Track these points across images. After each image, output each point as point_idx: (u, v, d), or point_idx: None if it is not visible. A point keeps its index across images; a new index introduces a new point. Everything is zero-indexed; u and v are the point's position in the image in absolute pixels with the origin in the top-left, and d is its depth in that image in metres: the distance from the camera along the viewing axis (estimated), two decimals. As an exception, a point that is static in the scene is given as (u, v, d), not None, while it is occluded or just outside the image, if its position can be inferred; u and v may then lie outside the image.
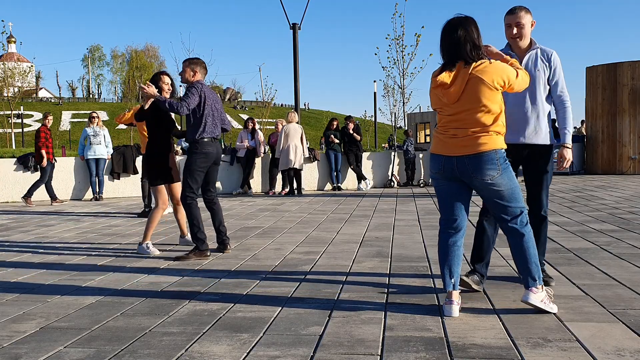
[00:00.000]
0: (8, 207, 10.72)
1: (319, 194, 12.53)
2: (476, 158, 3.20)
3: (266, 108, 37.75)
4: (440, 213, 3.45)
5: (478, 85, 3.17)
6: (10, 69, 49.50)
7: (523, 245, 3.30)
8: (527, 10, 3.78)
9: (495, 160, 3.20)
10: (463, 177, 3.28)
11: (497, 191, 3.25)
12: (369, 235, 6.34)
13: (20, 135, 50.51)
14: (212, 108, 5.33)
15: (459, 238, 3.40)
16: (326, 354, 2.72)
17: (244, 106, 79.87)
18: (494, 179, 3.22)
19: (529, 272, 3.29)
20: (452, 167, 3.28)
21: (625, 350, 2.67)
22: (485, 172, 3.20)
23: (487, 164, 3.19)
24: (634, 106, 16.08)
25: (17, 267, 5.02)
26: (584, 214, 7.60)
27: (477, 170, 3.21)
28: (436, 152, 3.37)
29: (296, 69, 14.73)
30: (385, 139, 49.58)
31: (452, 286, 3.32)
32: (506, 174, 3.25)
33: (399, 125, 19.11)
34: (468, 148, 3.21)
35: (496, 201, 3.30)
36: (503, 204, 3.29)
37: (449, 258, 3.36)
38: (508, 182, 3.26)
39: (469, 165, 3.22)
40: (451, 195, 3.38)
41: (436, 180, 3.43)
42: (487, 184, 3.23)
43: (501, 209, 3.31)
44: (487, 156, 3.19)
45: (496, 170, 3.21)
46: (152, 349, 2.85)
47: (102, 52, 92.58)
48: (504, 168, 3.23)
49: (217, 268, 4.76)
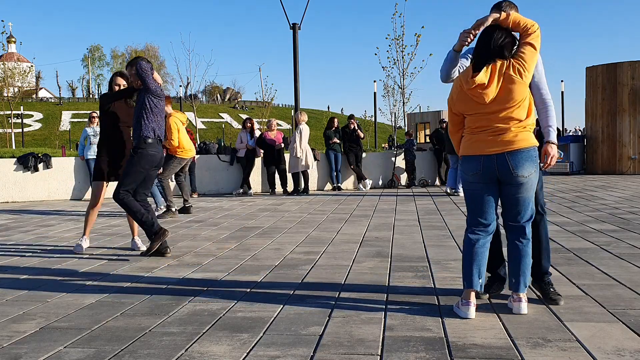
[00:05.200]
0: (8, 207, 10.72)
1: (319, 194, 12.54)
2: (519, 154, 3.22)
3: (266, 108, 37.74)
4: (471, 215, 3.41)
5: (515, 81, 3.19)
6: (10, 69, 49.48)
7: (527, 250, 3.35)
8: (515, 7, 3.56)
9: (534, 157, 3.26)
10: (502, 176, 3.27)
11: (527, 190, 3.29)
12: (369, 235, 6.34)
13: (20, 135, 50.53)
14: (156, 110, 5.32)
15: (489, 240, 3.40)
16: (326, 354, 2.72)
17: (244, 106, 79.87)
18: (531, 176, 3.25)
19: (525, 277, 3.32)
20: (492, 166, 3.26)
21: (625, 350, 2.67)
22: (526, 169, 3.23)
23: (528, 160, 3.23)
24: (634, 106, 16.08)
25: (17, 267, 5.02)
26: (584, 214, 7.60)
27: (518, 166, 3.22)
28: (472, 154, 3.33)
29: (296, 69, 14.73)
30: (385, 139, 49.60)
31: (480, 287, 3.31)
32: (538, 172, 3.32)
33: (398, 126, 19.10)
34: (510, 145, 3.22)
35: (521, 201, 3.31)
36: (526, 204, 3.32)
37: (479, 259, 3.32)
38: (535, 182, 3.32)
39: (511, 161, 3.22)
40: (487, 198, 3.35)
41: (471, 183, 3.38)
42: (524, 181, 3.25)
43: (521, 209, 3.32)
44: (528, 152, 3.23)
45: (535, 167, 3.25)
46: (152, 349, 2.85)
47: (102, 52, 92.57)
48: (537, 168, 3.30)
49: (217, 268, 4.76)
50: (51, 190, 12.04)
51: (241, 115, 66.11)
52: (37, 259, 5.36)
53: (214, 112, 72.18)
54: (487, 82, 3.19)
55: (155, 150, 5.31)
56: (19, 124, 52.38)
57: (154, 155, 5.30)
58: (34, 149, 29.26)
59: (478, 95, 3.23)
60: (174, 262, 5.06)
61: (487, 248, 3.37)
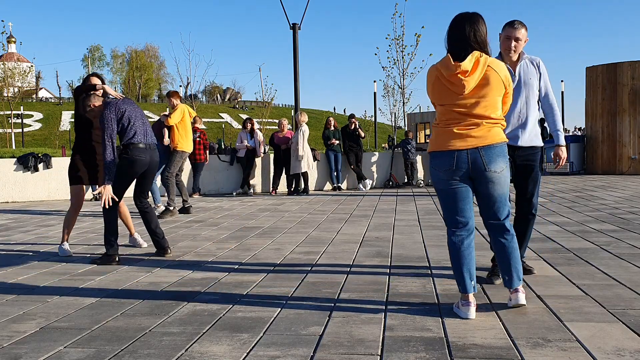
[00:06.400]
0: (8, 207, 10.72)
1: (319, 194, 12.54)
2: (492, 149, 3.21)
3: (266, 108, 37.71)
4: (448, 214, 3.32)
5: (493, 77, 3.19)
6: (10, 69, 49.43)
7: (513, 245, 3.34)
8: (526, 27, 3.98)
9: (505, 152, 3.27)
10: (474, 172, 3.22)
11: (501, 186, 3.27)
12: (369, 235, 6.34)
13: (20, 135, 50.52)
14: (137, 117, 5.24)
15: (472, 239, 3.32)
16: (326, 354, 2.72)
17: (244, 106, 79.85)
18: (503, 172, 3.25)
19: (517, 271, 3.33)
20: (464, 161, 3.20)
21: (625, 350, 2.67)
22: (498, 164, 3.22)
23: (501, 156, 3.23)
24: (634, 106, 16.08)
25: (17, 267, 5.02)
26: (584, 214, 7.60)
27: (491, 161, 3.21)
28: (444, 149, 3.23)
29: (296, 69, 14.73)
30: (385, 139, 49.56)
31: (474, 289, 3.26)
32: (509, 169, 3.31)
33: (398, 126, 19.11)
34: (482, 139, 3.20)
35: (496, 198, 3.29)
36: (502, 201, 3.30)
37: (467, 261, 3.26)
38: (508, 179, 3.31)
39: (484, 156, 3.20)
40: (462, 194, 3.27)
41: (444, 180, 3.27)
42: (496, 177, 3.23)
43: (498, 206, 3.31)
44: (501, 148, 3.24)
45: (506, 163, 3.26)
46: (152, 349, 2.85)
47: (102, 52, 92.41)
48: (508, 164, 3.30)
49: (217, 268, 4.76)
50: (51, 190, 12.04)
51: (241, 115, 66.09)
52: (37, 259, 5.36)
53: (214, 112, 72.13)
54: (469, 70, 3.18)
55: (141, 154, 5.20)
56: (19, 124, 52.34)
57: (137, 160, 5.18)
58: (34, 149, 29.25)
59: (458, 83, 3.17)
60: (174, 262, 5.06)
61: (472, 248, 3.30)
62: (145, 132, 5.31)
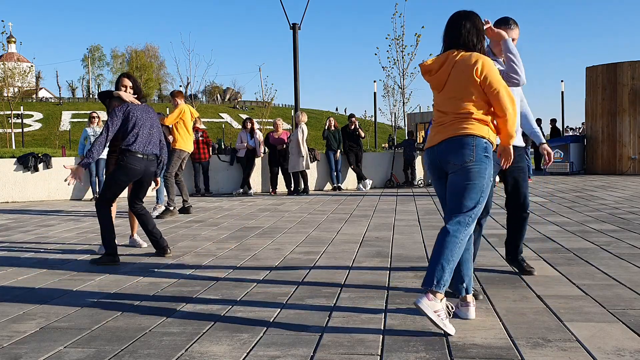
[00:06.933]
0: (8, 207, 10.72)
1: (319, 194, 12.53)
2: (452, 141, 3.10)
3: (266, 108, 37.70)
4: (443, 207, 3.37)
5: (463, 72, 3.11)
6: (10, 69, 49.42)
7: (445, 242, 3.00)
8: (518, 25, 4.02)
9: (471, 146, 3.05)
10: (442, 166, 3.19)
11: (464, 183, 3.06)
12: (369, 235, 6.34)
13: (20, 135, 50.51)
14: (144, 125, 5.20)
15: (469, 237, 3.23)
16: (326, 354, 2.72)
17: (244, 106, 79.84)
18: (466, 165, 3.05)
19: (434, 271, 2.96)
20: (435, 157, 3.21)
21: (625, 350, 2.67)
22: (458, 156, 3.06)
23: (462, 148, 3.05)
24: (634, 106, 16.08)
25: (17, 267, 5.02)
26: (584, 214, 7.60)
27: (451, 153, 3.09)
28: (426, 147, 3.32)
29: (296, 69, 14.73)
30: (385, 139, 49.56)
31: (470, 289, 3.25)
32: (481, 167, 3.07)
33: (398, 126, 19.12)
34: (447, 133, 3.13)
35: (457, 193, 3.09)
36: (462, 197, 3.07)
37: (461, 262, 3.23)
38: (479, 178, 3.07)
39: (445, 149, 3.12)
40: (441, 192, 3.31)
41: (430, 177, 3.36)
42: (459, 170, 3.07)
43: (457, 203, 3.09)
44: (463, 140, 3.06)
45: (471, 156, 3.05)
46: (152, 349, 2.85)
47: (102, 52, 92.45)
48: (480, 159, 3.06)
49: (217, 268, 4.76)
50: (51, 190, 12.04)
51: (241, 116, 66.08)
52: (37, 259, 5.36)
53: (214, 112, 72.12)
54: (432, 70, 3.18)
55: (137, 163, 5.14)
56: (19, 124, 52.32)
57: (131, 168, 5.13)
58: (34, 149, 29.23)
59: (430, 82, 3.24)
60: (174, 262, 5.06)
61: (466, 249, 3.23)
62: (148, 141, 5.23)
